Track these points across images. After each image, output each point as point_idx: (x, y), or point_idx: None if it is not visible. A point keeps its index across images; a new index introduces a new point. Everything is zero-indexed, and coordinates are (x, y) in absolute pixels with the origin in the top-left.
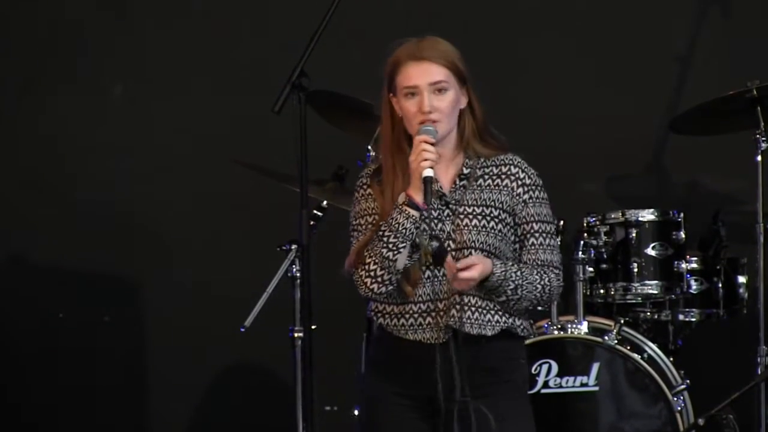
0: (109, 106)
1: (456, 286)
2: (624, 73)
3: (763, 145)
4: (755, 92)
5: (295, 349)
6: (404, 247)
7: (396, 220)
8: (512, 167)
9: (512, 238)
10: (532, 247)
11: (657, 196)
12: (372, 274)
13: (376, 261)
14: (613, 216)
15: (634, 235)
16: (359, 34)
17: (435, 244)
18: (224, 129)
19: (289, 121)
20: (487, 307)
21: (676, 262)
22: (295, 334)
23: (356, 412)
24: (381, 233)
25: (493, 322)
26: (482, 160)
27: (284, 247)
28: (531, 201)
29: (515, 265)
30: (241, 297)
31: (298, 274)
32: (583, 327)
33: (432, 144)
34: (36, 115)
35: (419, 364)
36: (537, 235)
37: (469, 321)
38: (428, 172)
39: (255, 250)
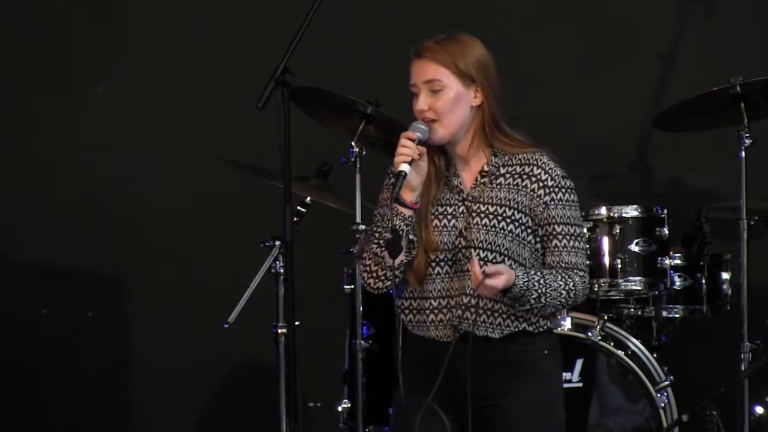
0: (92, 105)
1: (479, 292)
2: (607, 70)
3: (747, 141)
4: (739, 89)
5: (278, 345)
6: None
7: (386, 215)
8: (535, 168)
9: (529, 239)
10: (556, 249)
11: (640, 192)
12: (368, 269)
13: (370, 256)
14: (596, 212)
15: (617, 231)
16: (343, 31)
17: (387, 236)
18: (207, 126)
19: (272, 118)
20: (500, 311)
21: (659, 259)
22: (279, 330)
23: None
24: (374, 228)
25: (503, 326)
26: (507, 157)
27: (268, 244)
28: (553, 203)
29: (538, 273)
30: (225, 293)
31: (281, 270)
32: (567, 323)
33: (413, 140)
34: (17, 114)
35: (436, 363)
36: (560, 237)
37: (476, 322)
38: (403, 167)
39: (238, 246)
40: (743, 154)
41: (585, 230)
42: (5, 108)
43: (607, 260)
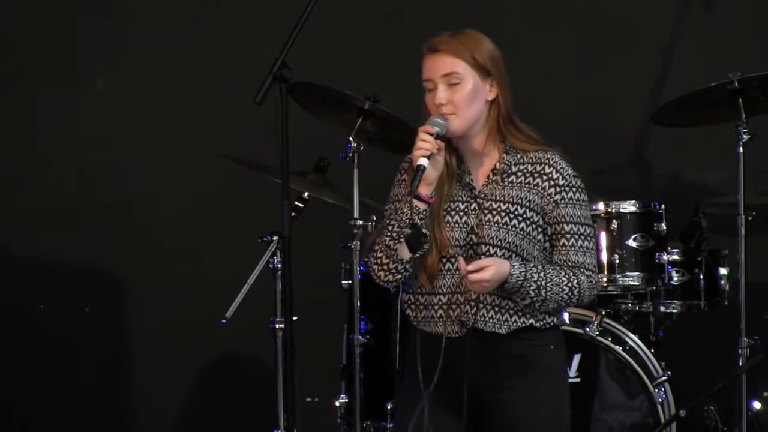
0: (92, 103)
1: (469, 288)
2: (605, 65)
3: (745, 136)
4: (737, 84)
5: (276, 341)
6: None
7: (401, 210)
8: (547, 167)
9: (539, 237)
10: (563, 248)
11: (639, 187)
12: (379, 261)
13: (382, 249)
14: (594, 207)
15: (615, 226)
16: (341, 26)
17: (407, 231)
18: (205, 121)
19: (270, 113)
20: (506, 307)
21: (657, 254)
22: (276, 326)
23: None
24: (387, 222)
25: (510, 322)
26: (519, 155)
27: (265, 239)
28: (563, 202)
29: (538, 266)
30: (222, 288)
31: (279, 266)
32: (564, 318)
33: (432, 134)
34: (16, 111)
35: (441, 358)
36: (569, 236)
37: (483, 319)
38: (422, 161)
39: (236, 242)
40: (741, 149)
41: (594, 231)
42: (5, 108)
43: (604, 255)
